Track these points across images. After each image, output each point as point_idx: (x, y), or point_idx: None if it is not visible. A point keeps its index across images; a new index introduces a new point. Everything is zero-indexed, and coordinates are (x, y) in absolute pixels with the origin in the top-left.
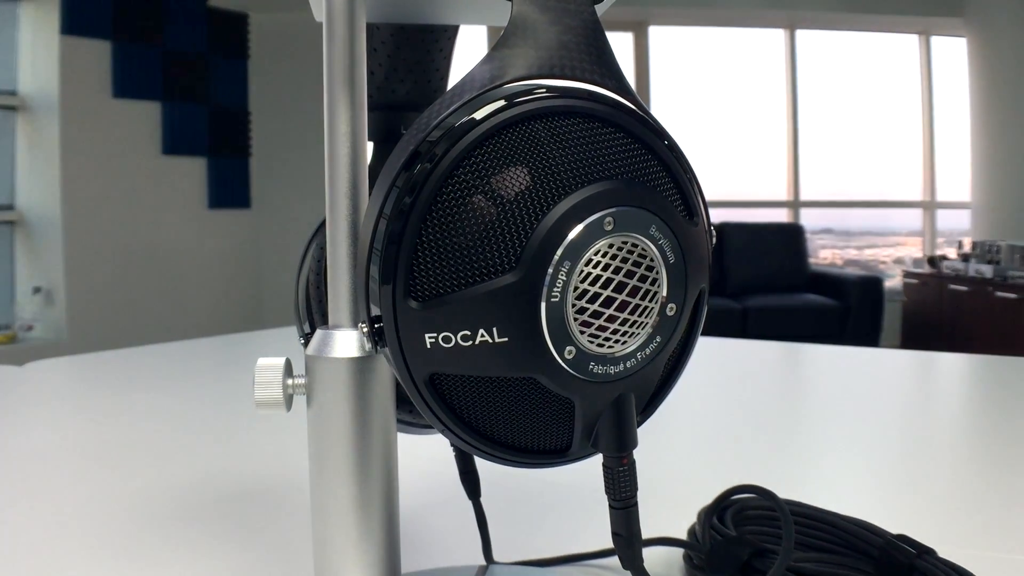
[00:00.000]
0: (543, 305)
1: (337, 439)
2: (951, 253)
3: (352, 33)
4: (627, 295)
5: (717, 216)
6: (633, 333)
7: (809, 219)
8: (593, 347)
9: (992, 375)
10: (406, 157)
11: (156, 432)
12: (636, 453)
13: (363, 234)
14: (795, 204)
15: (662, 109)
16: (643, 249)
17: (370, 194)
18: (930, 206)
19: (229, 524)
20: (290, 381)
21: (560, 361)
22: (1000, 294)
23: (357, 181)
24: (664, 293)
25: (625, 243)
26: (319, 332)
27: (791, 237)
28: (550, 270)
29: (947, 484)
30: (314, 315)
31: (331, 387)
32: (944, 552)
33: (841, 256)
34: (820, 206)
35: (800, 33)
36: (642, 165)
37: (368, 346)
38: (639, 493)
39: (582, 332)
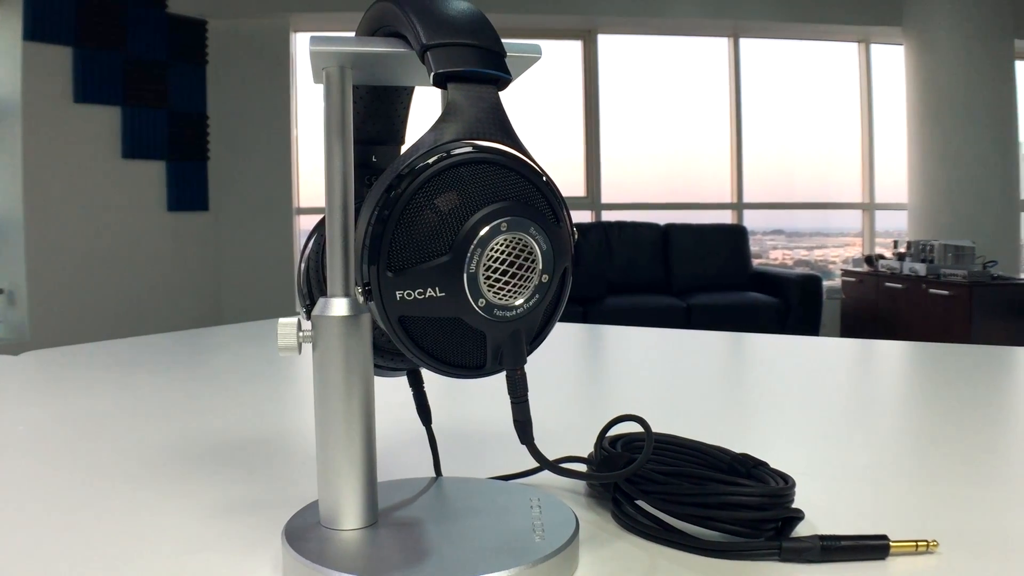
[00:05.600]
0: (464, 274)
1: (334, 372)
2: (889, 253)
3: (343, 96)
4: (515, 269)
5: (663, 218)
6: (521, 292)
7: (760, 221)
8: (496, 300)
9: (918, 358)
10: (384, 188)
11: (155, 405)
12: (575, 412)
13: (358, 236)
14: (739, 206)
15: (610, 115)
16: (526, 242)
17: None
18: (869, 207)
19: (232, 466)
20: (300, 333)
21: (476, 308)
22: (933, 291)
23: (347, 197)
24: (540, 268)
25: (515, 238)
26: (321, 300)
27: (734, 238)
28: (468, 254)
29: (856, 437)
30: (313, 290)
31: (329, 336)
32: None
33: (791, 256)
34: (763, 208)
35: (744, 41)
36: (527, 191)
37: (361, 301)
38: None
39: (488, 290)
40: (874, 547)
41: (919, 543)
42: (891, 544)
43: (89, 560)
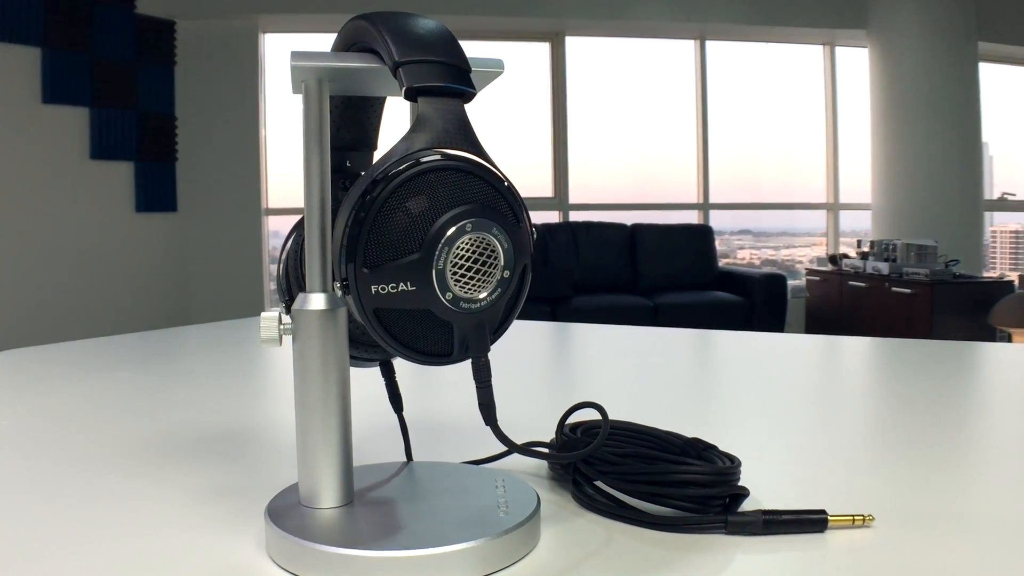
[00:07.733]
0: (433, 270)
1: (312, 362)
2: (853, 252)
3: (320, 106)
4: (479, 265)
5: (630, 218)
6: (484, 286)
7: (728, 221)
8: (462, 293)
9: (877, 353)
10: (360, 192)
11: (135, 401)
12: (540, 404)
13: (336, 236)
14: (705, 206)
15: (578, 116)
16: (489, 241)
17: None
18: (833, 207)
19: (213, 456)
20: (281, 326)
21: (443, 300)
22: (896, 289)
23: (324, 199)
24: (502, 264)
25: (479, 237)
26: (300, 295)
27: (700, 237)
28: (437, 252)
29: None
30: (292, 286)
31: (308, 329)
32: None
33: (759, 256)
34: (729, 208)
35: (710, 44)
36: (489, 195)
37: (339, 295)
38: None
39: (455, 284)
40: (813, 521)
41: (856, 517)
42: (829, 518)
43: (79, 543)
